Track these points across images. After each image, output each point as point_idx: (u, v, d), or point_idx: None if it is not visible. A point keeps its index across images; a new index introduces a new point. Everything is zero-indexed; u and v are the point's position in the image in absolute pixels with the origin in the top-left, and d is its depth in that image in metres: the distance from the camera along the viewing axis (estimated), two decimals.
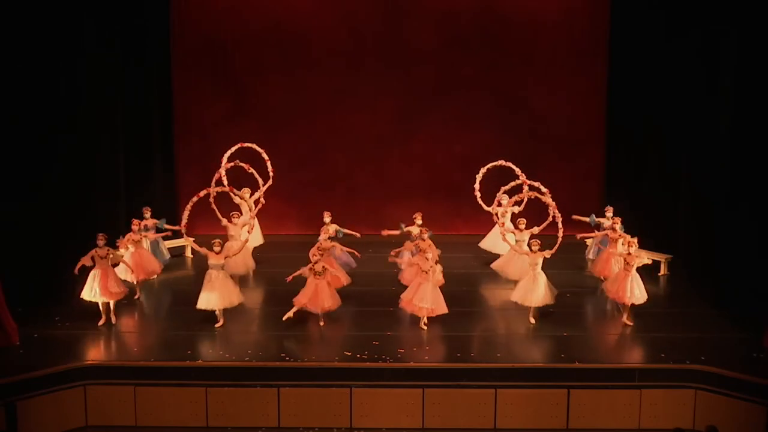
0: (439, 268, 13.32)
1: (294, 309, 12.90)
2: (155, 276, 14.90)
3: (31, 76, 14.28)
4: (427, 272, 12.79)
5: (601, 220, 15.19)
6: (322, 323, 13.00)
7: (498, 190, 15.19)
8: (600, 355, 12.32)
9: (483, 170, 15.11)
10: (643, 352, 12.36)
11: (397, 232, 14.92)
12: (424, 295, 12.70)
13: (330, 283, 13.17)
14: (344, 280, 14.00)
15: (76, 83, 15.52)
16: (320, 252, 13.22)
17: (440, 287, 13.07)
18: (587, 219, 15.24)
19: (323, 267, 12.95)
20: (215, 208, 14.53)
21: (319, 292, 12.84)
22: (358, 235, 14.94)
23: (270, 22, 18.16)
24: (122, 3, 16.44)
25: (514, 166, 14.90)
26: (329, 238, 14.07)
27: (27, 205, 14.24)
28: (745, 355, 11.93)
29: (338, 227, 14.67)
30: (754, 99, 13.82)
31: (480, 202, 15.26)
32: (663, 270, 15.71)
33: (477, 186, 15.15)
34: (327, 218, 14.96)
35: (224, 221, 14.69)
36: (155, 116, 17.67)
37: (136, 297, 14.11)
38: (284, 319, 12.84)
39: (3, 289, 12.15)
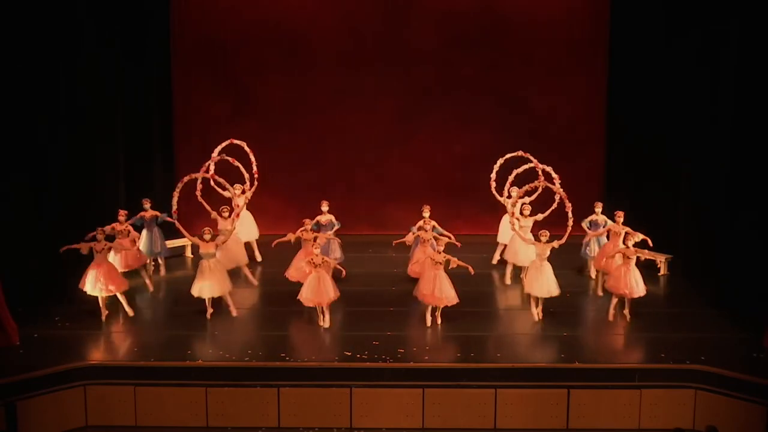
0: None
1: (324, 312, 13.03)
2: (141, 266, 14.79)
3: (31, 76, 14.27)
4: (441, 263, 12.90)
5: (593, 218, 15.13)
6: (327, 324, 12.99)
7: (510, 182, 15.31)
8: (600, 355, 12.32)
9: (501, 161, 15.36)
10: (643, 352, 12.36)
11: (411, 238, 14.91)
12: (443, 286, 12.84)
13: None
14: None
15: (76, 83, 15.51)
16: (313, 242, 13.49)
17: None
18: (583, 225, 15.16)
19: (322, 259, 13.04)
20: (203, 201, 14.64)
21: (322, 283, 12.89)
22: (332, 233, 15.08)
23: (270, 22, 18.14)
24: (122, 3, 16.44)
25: (531, 156, 15.08)
26: (314, 227, 14.28)
27: (27, 205, 14.24)
28: (745, 355, 11.93)
29: (333, 219, 14.84)
30: (755, 99, 13.81)
31: (494, 192, 15.41)
32: (663, 270, 15.70)
33: (493, 176, 15.34)
34: (324, 207, 15.02)
35: (213, 214, 14.71)
36: (155, 116, 17.65)
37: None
38: (321, 323, 12.98)
39: (3, 289, 12.15)
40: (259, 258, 16.24)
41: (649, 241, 13.61)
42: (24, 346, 12.14)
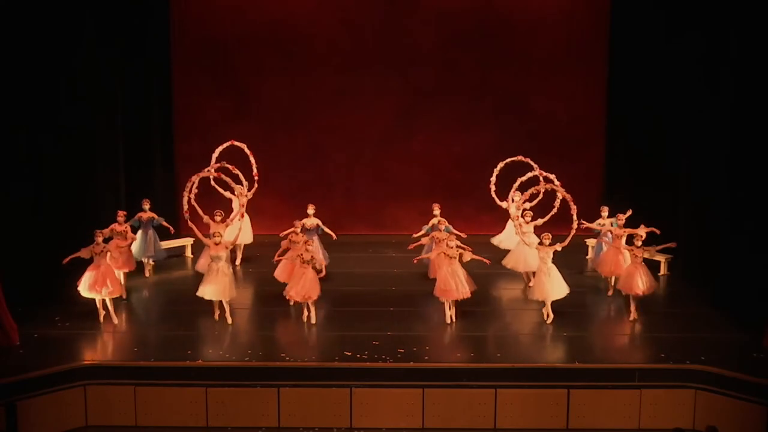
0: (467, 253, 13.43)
1: (310, 308, 13.07)
2: (128, 270, 14.68)
3: (31, 76, 14.27)
4: (453, 258, 12.93)
5: (600, 221, 15.06)
6: (313, 321, 13.03)
7: (511, 186, 15.21)
8: (600, 355, 12.33)
9: (501, 164, 15.33)
10: (643, 352, 12.36)
11: (423, 234, 14.86)
12: (460, 279, 12.92)
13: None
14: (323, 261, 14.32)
15: (76, 83, 15.51)
16: (303, 243, 13.42)
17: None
18: (595, 225, 15.10)
19: (311, 256, 13.06)
20: (195, 204, 14.28)
21: (309, 281, 12.93)
22: (334, 236, 15.04)
23: (270, 22, 18.15)
24: (122, 3, 16.44)
25: (531, 161, 15.05)
26: (302, 230, 14.22)
27: (27, 205, 14.24)
28: (745, 355, 11.93)
29: (320, 223, 14.78)
30: (754, 99, 13.80)
31: (494, 196, 15.40)
32: (663, 270, 15.71)
33: (493, 179, 15.32)
34: (311, 210, 14.97)
35: (206, 218, 14.45)
36: (155, 115, 17.67)
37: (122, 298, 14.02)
38: (305, 320, 13.06)
39: (3, 289, 12.14)
40: (237, 261, 16.17)
41: (656, 230, 13.80)
42: (24, 346, 12.14)
